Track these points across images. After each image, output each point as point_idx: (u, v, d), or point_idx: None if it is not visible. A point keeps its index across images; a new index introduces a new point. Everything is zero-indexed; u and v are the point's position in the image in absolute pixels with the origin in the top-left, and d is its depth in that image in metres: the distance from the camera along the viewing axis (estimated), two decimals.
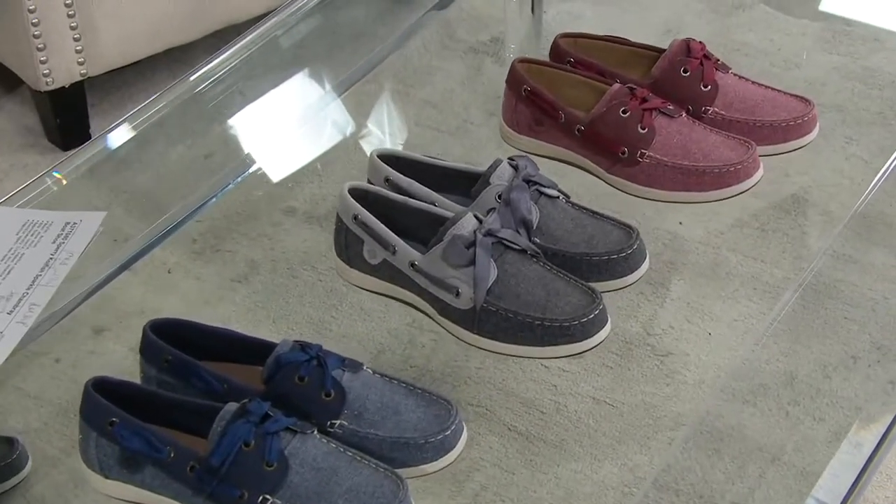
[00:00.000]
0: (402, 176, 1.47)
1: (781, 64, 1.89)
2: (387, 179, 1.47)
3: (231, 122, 1.84)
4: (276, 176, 1.73)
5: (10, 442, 1.31)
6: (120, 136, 1.67)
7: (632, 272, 1.42)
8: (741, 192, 1.51)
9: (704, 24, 1.99)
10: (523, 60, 1.62)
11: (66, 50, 1.86)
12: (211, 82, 1.81)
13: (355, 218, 1.40)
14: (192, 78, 1.74)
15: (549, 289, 1.33)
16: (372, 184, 1.46)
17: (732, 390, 1.38)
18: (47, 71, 1.87)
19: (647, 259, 1.43)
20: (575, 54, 1.65)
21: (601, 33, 1.94)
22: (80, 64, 1.89)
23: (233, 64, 1.82)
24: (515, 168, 1.42)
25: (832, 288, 1.50)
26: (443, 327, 1.34)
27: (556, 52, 1.67)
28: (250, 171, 1.73)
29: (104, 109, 2.07)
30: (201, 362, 1.26)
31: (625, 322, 1.47)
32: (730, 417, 1.35)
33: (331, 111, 1.86)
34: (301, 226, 1.62)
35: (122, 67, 1.96)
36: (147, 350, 1.30)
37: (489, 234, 1.34)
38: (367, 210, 1.40)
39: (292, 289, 1.53)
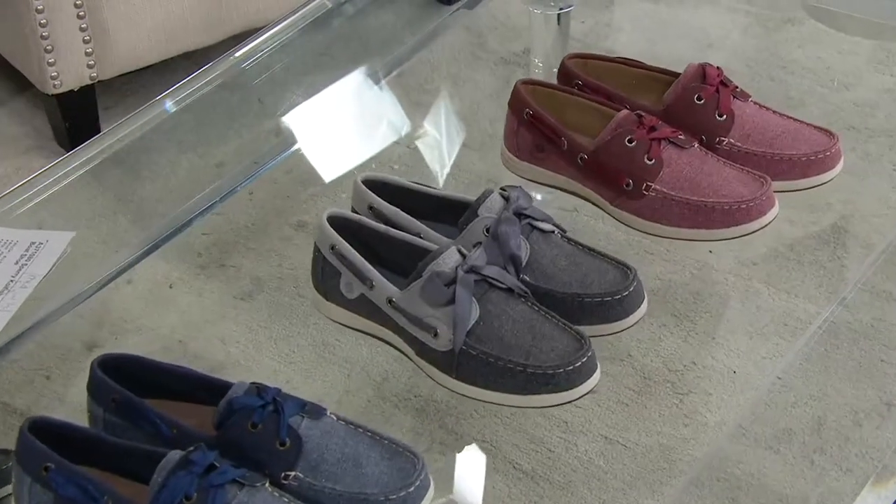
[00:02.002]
0: (386, 204, 1.40)
1: (829, 84, 1.83)
2: (371, 207, 1.40)
3: (246, 130, 1.81)
4: (288, 189, 1.69)
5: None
6: (124, 137, 1.63)
7: (627, 316, 1.33)
8: (752, 232, 1.42)
9: (750, 39, 1.94)
10: (527, 82, 1.55)
11: (76, 52, 1.84)
12: (227, 87, 1.78)
13: (332, 248, 1.34)
14: (204, 80, 1.69)
15: (535, 332, 1.26)
16: (356, 211, 1.41)
17: (754, 434, 1.32)
18: (55, 73, 1.84)
19: (646, 302, 1.35)
20: (583, 76, 1.58)
21: (639, 47, 1.89)
22: (91, 67, 1.86)
23: (250, 67, 1.79)
24: (507, 199, 1.36)
25: (869, 327, 1.44)
26: (421, 369, 1.29)
27: (564, 73, 1.60)
28: (262, 182, 1.70)
29: (119, 113, 2.04)
30: (157, 400, 1.21)
31: (644, 356, 1.42)
32: (750, 464, 1.30)
33: (352, 122, 1.82)
34: (311, 241, 1.57)
35: (141, 70, 1.94)
36: (94, 388, 1.23)
37: (472, 270, 1.27)
38: (348, 240, 1.34)
39: (297, 308, 1.49)
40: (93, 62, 1.85)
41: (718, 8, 2.01)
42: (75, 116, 1.89)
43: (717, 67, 1.52)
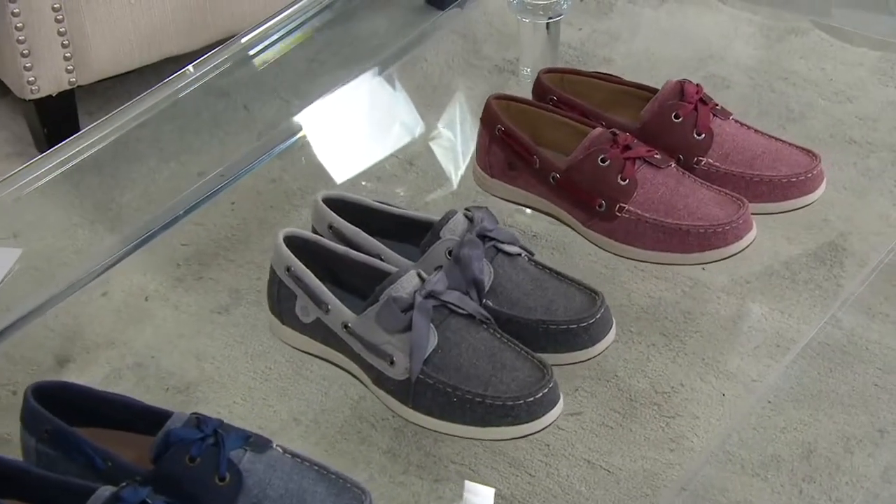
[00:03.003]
0: (346, 223, 1.37)
1: (831, 96, 1.81)
2: (330, 226, 1.37)
3: (231, 138, 1.79)
4: (272, 199, 1.67)
5: None
6: (97, 142, 1.60)
7: (593, 344, 1.29)
8: (729, 256, 1.39)
9: (752, 49, 1.91)
10: (500, 97, 1.52)
11: (54, 57, 1.82)
12: (212, 93, 1.76)
13: (288, 270, 1.30)
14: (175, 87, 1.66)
15: (496, 361, 1.23)
16: (316, 231, 1.38)
17: (741, 460, 1.30)
18: (32, 78, 1.82)
19: (614, 329, 1.31)
20: (558, 92, 1.54)
21: (637, 56, 1.87)
22: (69, 72, 1.84)
23: (236, 73, 1.77)
24: (471, 220, 1.32)
25: (864, 350, 1.41)
26: (378, 398, 1.27)
27: (539, 88, 1.56)
28: (245, 191, 1.67)
29: (101, 118, 2.02)
30: (95, 430, 1.18)
31: (631, 377, 1.40)
32: (736, 492, 1.27)
33: (341, 131, 1.80)
34: None
35: (126, 74, 1.92)
36: (27, 418, 1.20)
37: (431, 296, 1.24)
38: (306, 261, 1.31)
39: None
40: (71, 67, 1.83)
41: (721, 16, 1.98)
42: (54, 122, 1.87)
43: (697, 85, 1.49)
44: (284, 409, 1.37)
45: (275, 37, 1.80)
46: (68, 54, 1.83)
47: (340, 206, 1.39)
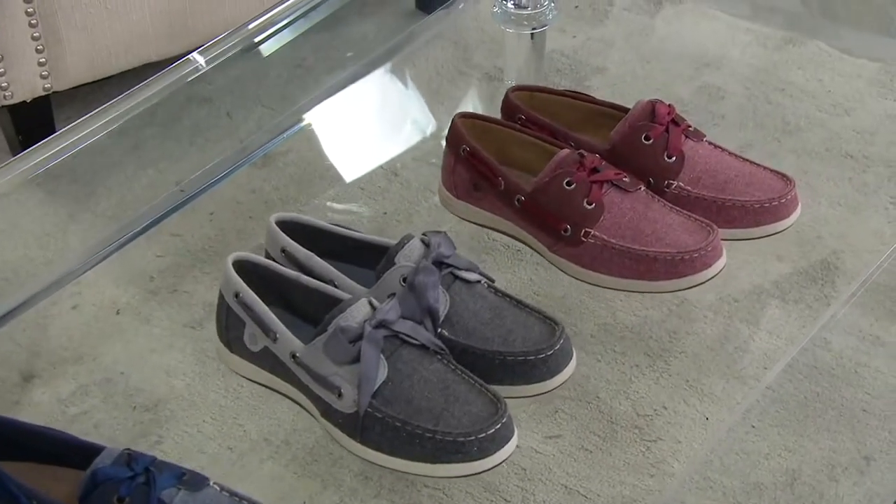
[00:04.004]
0: (299, 247, 1.34)
1: (829, 108, 1.78)
2: (283, 250, 1.35)
3: (211, 145, 1.77)
4: (252, 209, 1.65)
5: None
6: (73, 144, 1.57)
7: (551, 377, 1.26)
8: (697, 285, 1.36)
9: (748, 58, 1.89)
10: (466, 115, 1.49)
11: (28, 62, 1.80)
12: (194, 100, 1.75)
13: (237, 296, 1.28)
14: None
15: (448, 394, 1.20)
16: (269, 254, 1.36)
17: (723, 487, 1.28)
18: (6, 84, 1.81)
19: (574, 361, 1.28)
20: (527, 111, 1.51)
21: (631, 65, 1.84)
22: (44, 77, 1.82)
23: (219, 78, 1.75)
24: (428, 245, 1.29)
25: (852, 373, 1.39)
26: (326, 431, 1.24)
27: (507, 106, 1.54)
28: (224, 201, 1.66)
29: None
30: (26, 464, 1.15)
31: (613, 399, 1.38)
32: None
33: (327, 141, 1.78)
34: None
35: (107, 79, 1.90)
36: None
37: (381, 325, 1.21)
38: (257, 286, 1.28)
39: None
40: (46, 72, 1.81)
41: (717, 25, 1.96)
42: (29, 129, 1.85)
43: (669, 105, 1.46)
44: (255, 429, 1.35)
45: (259, 37, 1.78)
46: (42, 59, 1.82)
47: (295, 228, 1.37)
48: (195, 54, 1.62)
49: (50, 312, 1.49)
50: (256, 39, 1.73)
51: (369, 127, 1.81)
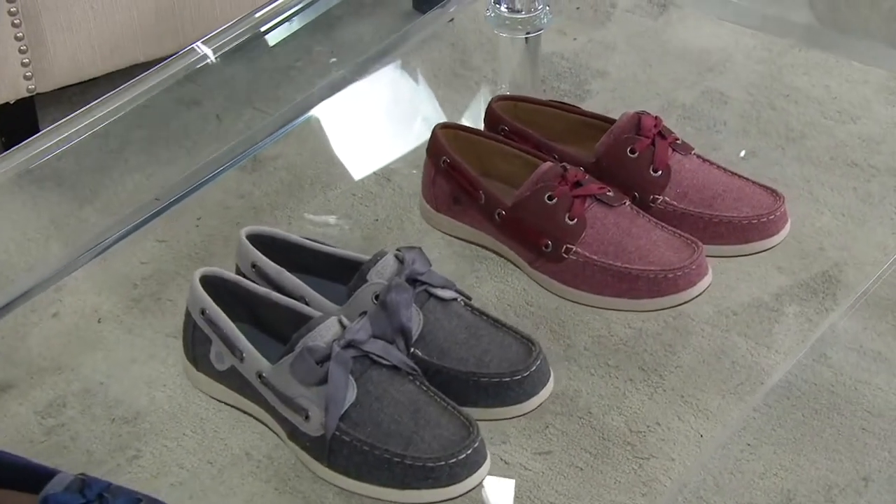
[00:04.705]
0: (270, 263, 1.32)
1: (835, 115, 1.76)
2: (254, 265, 1.32)
3: (200, 149, 1.75)
4: (240, 215, 1.63)
5: None
6: (56, 145, 1.55)
7: (527, 399, 1.23)
8: (681, 304, 1.33)
9: (753, 63, 1.87)
10: (447, 126, 1.46)
11: (11, 63, 1.79)
12: (183, 102, 1.73)
13: (203, 313, 1.26)
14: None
15: (419, 417, 1.17)
16: (240, 269, 1.33)
17: None
18: None
19: (551, 382, 1.25)
20: (510, 121, 1.48)
21: (633, 68, 1.82)
22: (28, 79, 1.81)
23: (209, 80, 1.73)
24: (402, 262, 1.26)
25: (852, 390, 1.37)
26: (294, 454, 1.22)
27: (490, 117, 1.51)
28: (212, 207, 1.63)
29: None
30: None
31: (605, 414, 1.35)
32: None
33: (320, 145, 1.76)
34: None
35: (93, 80, 1.88)
36: None
37: (350, 345, 1.18)
38: (226, 303, 1.26)
39: None
40: (30, 73, 1.80)
41: (721, 28, 1.93)
42: (12, 131, 1.84)
43: (656, 117, 1.43)
44: (237, 443, 1.33)
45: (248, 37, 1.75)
46: (26, 60, 1.80)
47: (266, 242, 1.35)
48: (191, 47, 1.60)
49: (29, 319, 1.47)
50: (247, 39, 1.71)
51: (362, 131, 1.79)
